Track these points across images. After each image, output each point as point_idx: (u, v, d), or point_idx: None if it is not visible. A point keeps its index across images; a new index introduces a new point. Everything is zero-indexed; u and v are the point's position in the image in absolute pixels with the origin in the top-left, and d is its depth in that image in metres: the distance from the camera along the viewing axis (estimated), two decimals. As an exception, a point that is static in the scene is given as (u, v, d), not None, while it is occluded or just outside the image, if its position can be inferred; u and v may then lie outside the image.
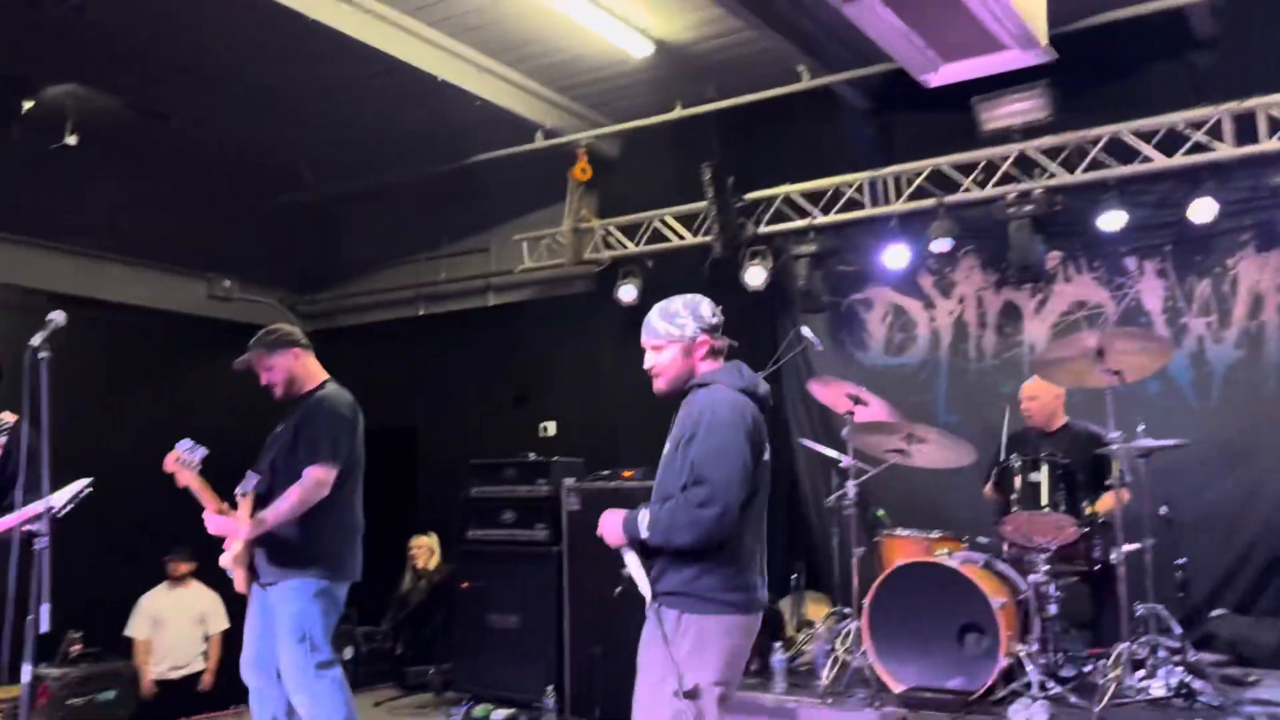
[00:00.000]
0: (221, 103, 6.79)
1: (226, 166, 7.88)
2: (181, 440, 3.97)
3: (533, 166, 7.55)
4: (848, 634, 4.98)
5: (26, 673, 3.07)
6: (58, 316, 3.31)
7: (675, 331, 2.95)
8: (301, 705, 3.85)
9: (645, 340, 3.01)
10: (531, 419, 8.27)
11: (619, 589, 5.43)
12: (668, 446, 2.91)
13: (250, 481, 3.93)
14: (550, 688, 5.50)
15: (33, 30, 5.72)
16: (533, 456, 6.36)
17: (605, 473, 5.95)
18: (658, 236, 7.34)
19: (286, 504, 3.84)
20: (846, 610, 5.21)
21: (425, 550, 7.25)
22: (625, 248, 7.45)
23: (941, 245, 6.14)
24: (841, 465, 5.06)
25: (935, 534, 4.98)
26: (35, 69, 6.15)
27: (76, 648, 6.32)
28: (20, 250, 7.45)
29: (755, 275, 6.67)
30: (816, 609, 6.08)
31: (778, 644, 5.09)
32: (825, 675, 4.85)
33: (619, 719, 5.27)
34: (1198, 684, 4.28)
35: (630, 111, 7.32)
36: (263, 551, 3.93)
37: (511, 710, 5.72)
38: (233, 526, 3.86)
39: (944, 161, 6.34)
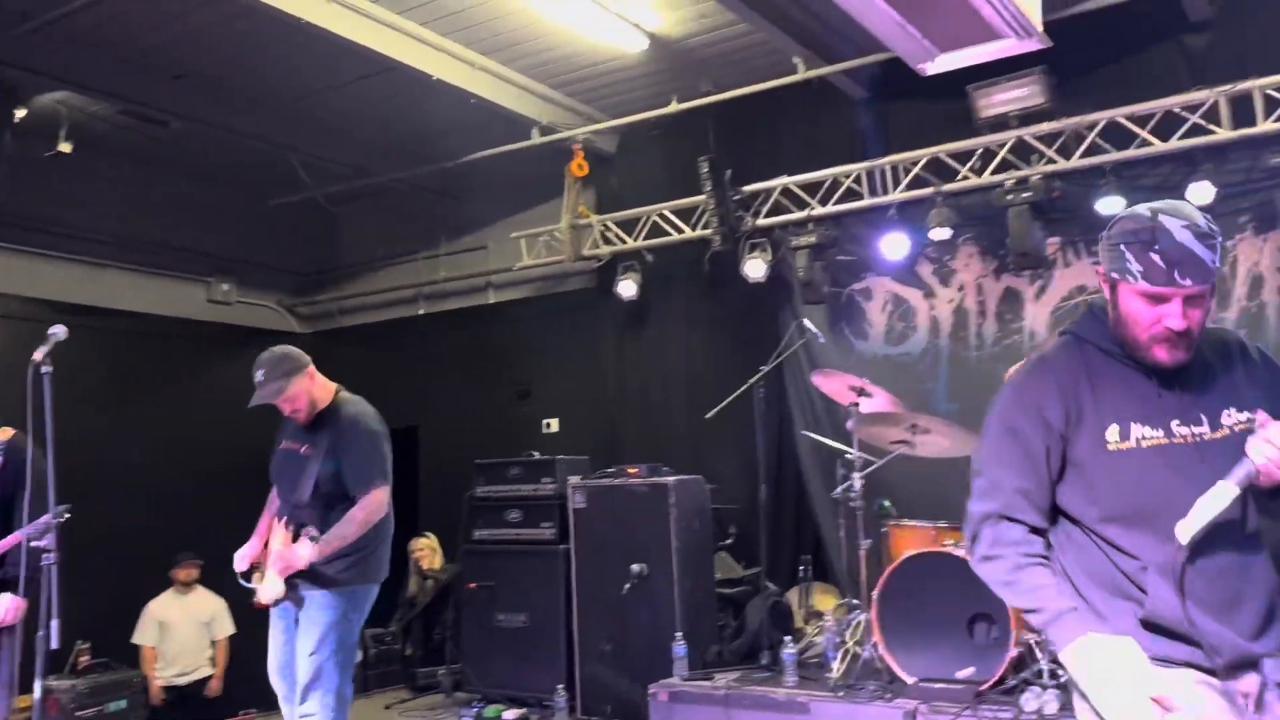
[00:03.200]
0: (217, 107, 6.79)
1: (223, 170, 7.88)
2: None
3: (529, 163, 7.54)
4: (857, 625, 4.99)
5: (37, 689, 3.09)
6: (59, 330, 3.31)
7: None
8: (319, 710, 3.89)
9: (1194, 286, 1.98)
10: (534, 416, 8.29)
11: (627, 586, 5.45)
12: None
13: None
14: (560, 686, 5.51)
15: (24, 38, 5.70)
16: (537, 455, 6.36)
17: (610, 470, 5.96)
18: (656, 231, 7.32)
19: (353, 528, 3.88)
20: (855, 602, 5.22)
21: (428, 551, 7.26)
22: (624, 243, 7.44)
23: (940, 233, 6.13)
24: (847, 457, 5.06)
25: (942, 524, 4.98)
26: (26, 77, 6.14)
27: (85, 658, 6.33)
28: (17, 259, 7.44)
29: (755, 267, 6.66)
30: (824, 600, 6.09)
31: (788, 636, 5.10)
32: (836, 668, 4.86)
33: (631, 715, 5.35)
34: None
35: (626, 107, 7.31)
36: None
37: (522, 710, 5.74)
38: (292, 557, 3.86)
39: (941, 150, 6.33)
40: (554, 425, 8.26)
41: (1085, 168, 5.90)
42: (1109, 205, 5.76)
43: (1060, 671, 4.30)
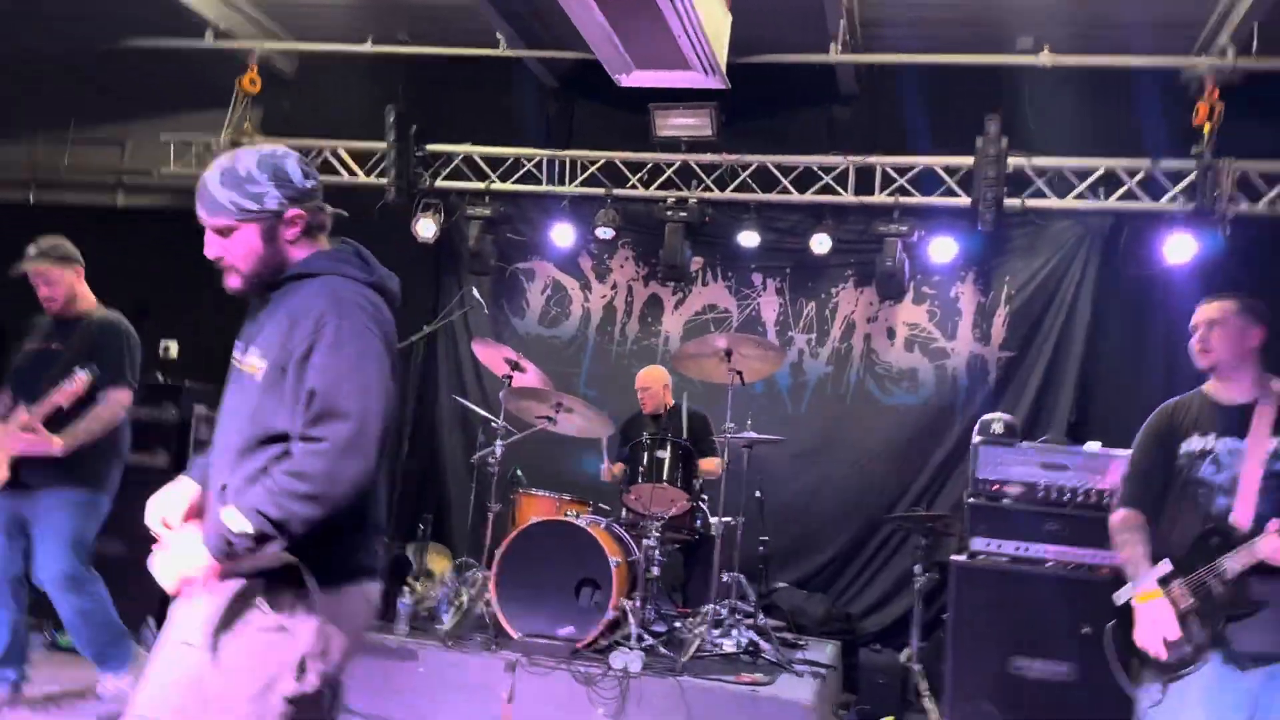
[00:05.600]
0: None
1: None
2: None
3: (194, 66, 6.97)
4: (473, 582, 5.24)
5: None
6: None
7: (251, 205, 2.08)
8: (76, 608, 4.17)
9: (205, 218, 2.10)
10: (150, 337, 7.63)
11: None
12: (259, 366, 2.07)
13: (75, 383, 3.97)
14: (151, 619, 5.21)
15: None
16: (161, 379, 5.94)
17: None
18: (327, 168, 7.10)
19: (98, 425, 4.12)
20: (472, 561, 5.46)
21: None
22: (290, 174, 7.10)
23: (604, 233, 6.60)
24: (493, 426, 5.30)
25: (567, 496, 5.38)
26: None
27: None
28: None
29: (426, 227, 6.71)
30: (437, 560, 6.28)
31: (405, 589, 5.23)
32: (448, 621, 5.07)
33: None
34: (762, 644, 5.05)
35: (315, 32, 6.99)
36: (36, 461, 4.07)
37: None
38: (44, 444, 4.00)
39: (618, 156, 6.80)
40: (172, 350, 7.69)
41: (734, 201, 6.64)
42: (747, 239, 6.53)
43: (645, 636, 4.84)
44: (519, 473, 5.58)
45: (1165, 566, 2.83)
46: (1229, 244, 5.66)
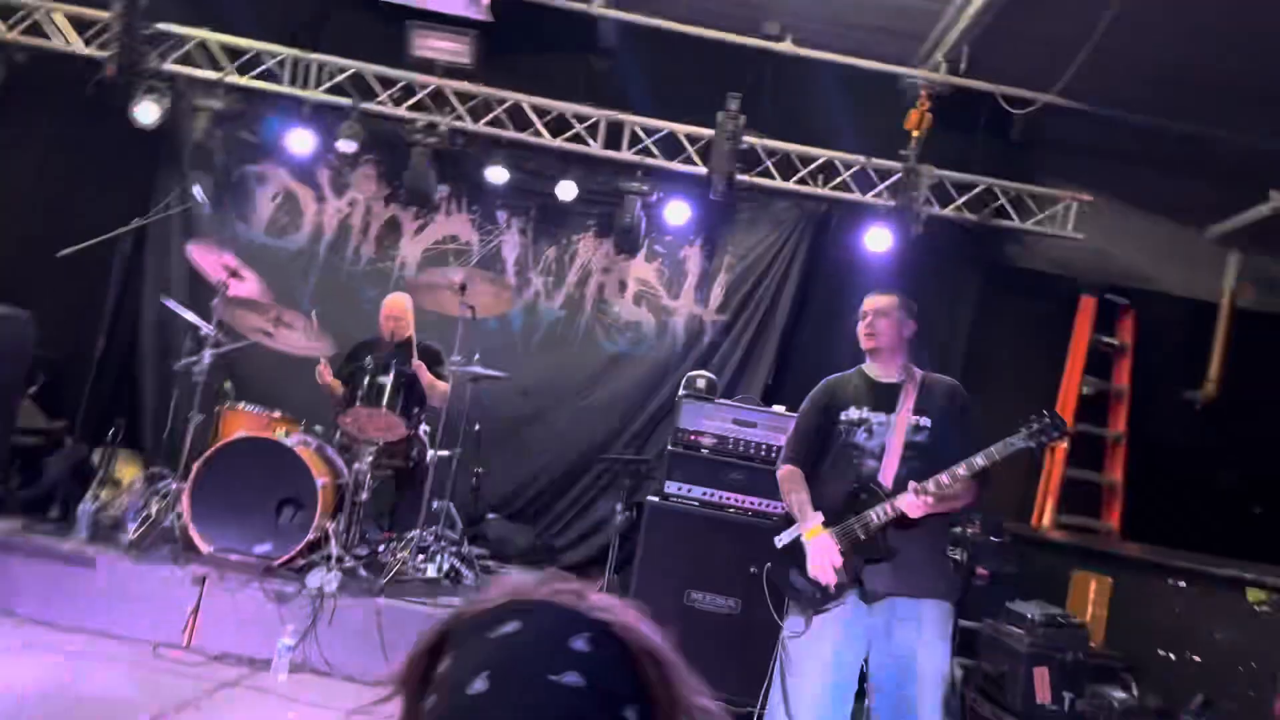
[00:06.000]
0: None
1: None
2: None
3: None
4: (164, 494, 5.00)
5: None
6: None
7: None
8: None
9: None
10: None
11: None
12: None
13: None
14: None
15: None
16: None
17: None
18: (38, 30, 6.35)
19: None
20: (165, 471, 5.20)
21: None
22: (-10, 27, 6.31)
23: (347, 146, 6.35)
24: (202, 333, 5.04)
25: (277, 414, 5.23)
26: None
27: None
28: None
29: (148, 112, 6.16)
30: (126, 468, 5.90)
31: (89, 495, 4.91)
32: (132, 530, 4.82)
33: None
34: (464, 570, 5.19)
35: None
36: None
37: None
38: None
39: (369, 68, 6.55)
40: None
41: (486, 135, 6.61)
42: (494, 174, 6.55)
43: (346, 558, 4.84)
44: (227, 386, 5.35)
45: (820, 516, 3.23)
46: (920, 240, 6.35)
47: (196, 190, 5.43)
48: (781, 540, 3.32)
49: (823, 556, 3.18)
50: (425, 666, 0.86)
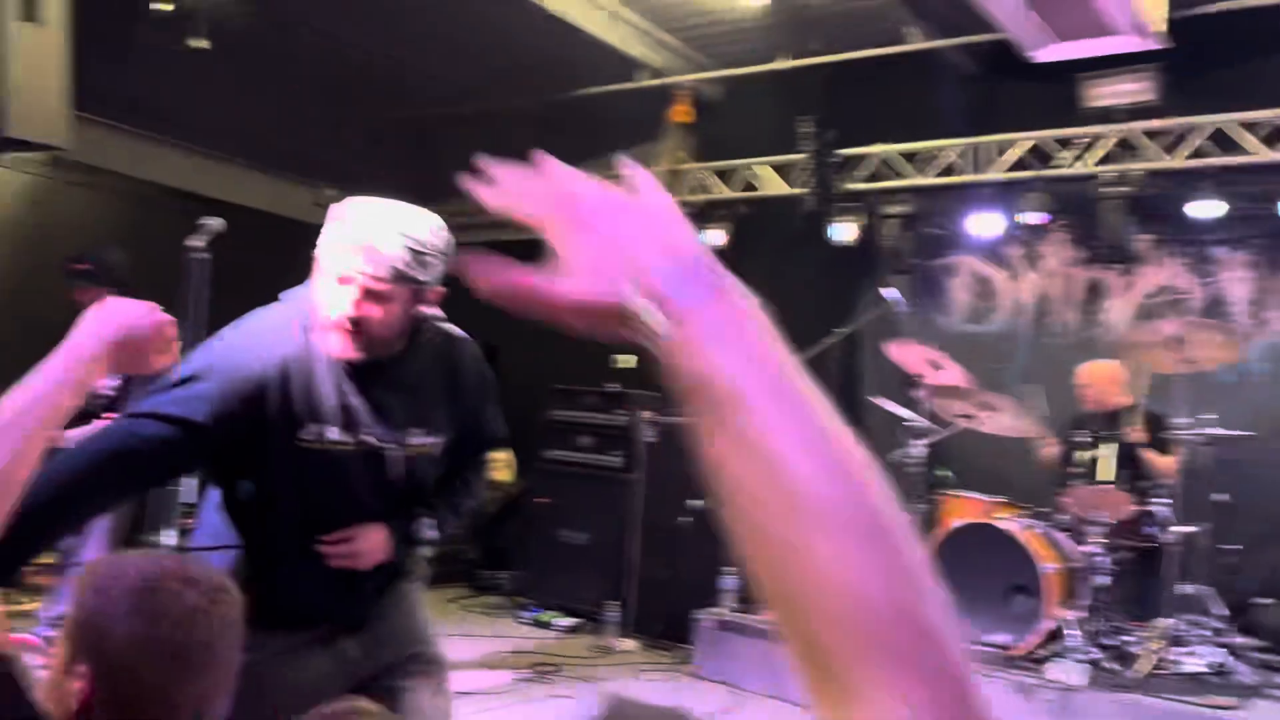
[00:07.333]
0: (344, 16, 7.04)
1: (342, 79, 8.16)
2: None
3: (632, 105, 7.69)
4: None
5: None
6: (215, 222, 3.63)
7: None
8: None
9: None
10: (608, 349, 8.53)
11: (687, 518, 5.77)
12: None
13: None
14: (615, 602, 5.88)
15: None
16: (614, 387, 6.67)
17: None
18: (750, 184, 7.48)
19: None
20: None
21: (502, 464, 7.65)
22: (718, 192, 7.61)
23: (1034, 218, 6.21)
24: (911, 425, 5.26)
25: (997, 499, 5.17)
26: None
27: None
28: (141, 144, 7.83)
29: (845, 231, 6.80)
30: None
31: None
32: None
33: (677, 638, 5.67)
34: (1235, 664, 4.47)
35: (735, 57, 7.40)
36: None
37: (577, 619, 6.13)
38: None
39: (1045, 135, 6.37)
40: (629, 362, 8.52)
41: (1187, 169, 5.91)
42: (1205, 209, 5.79)
43: (1090, 649, 4.51)
44: (945, 474, 5.48)
45: None
46: None
47: (889, 293, 5.77)
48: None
49: None
50: None
